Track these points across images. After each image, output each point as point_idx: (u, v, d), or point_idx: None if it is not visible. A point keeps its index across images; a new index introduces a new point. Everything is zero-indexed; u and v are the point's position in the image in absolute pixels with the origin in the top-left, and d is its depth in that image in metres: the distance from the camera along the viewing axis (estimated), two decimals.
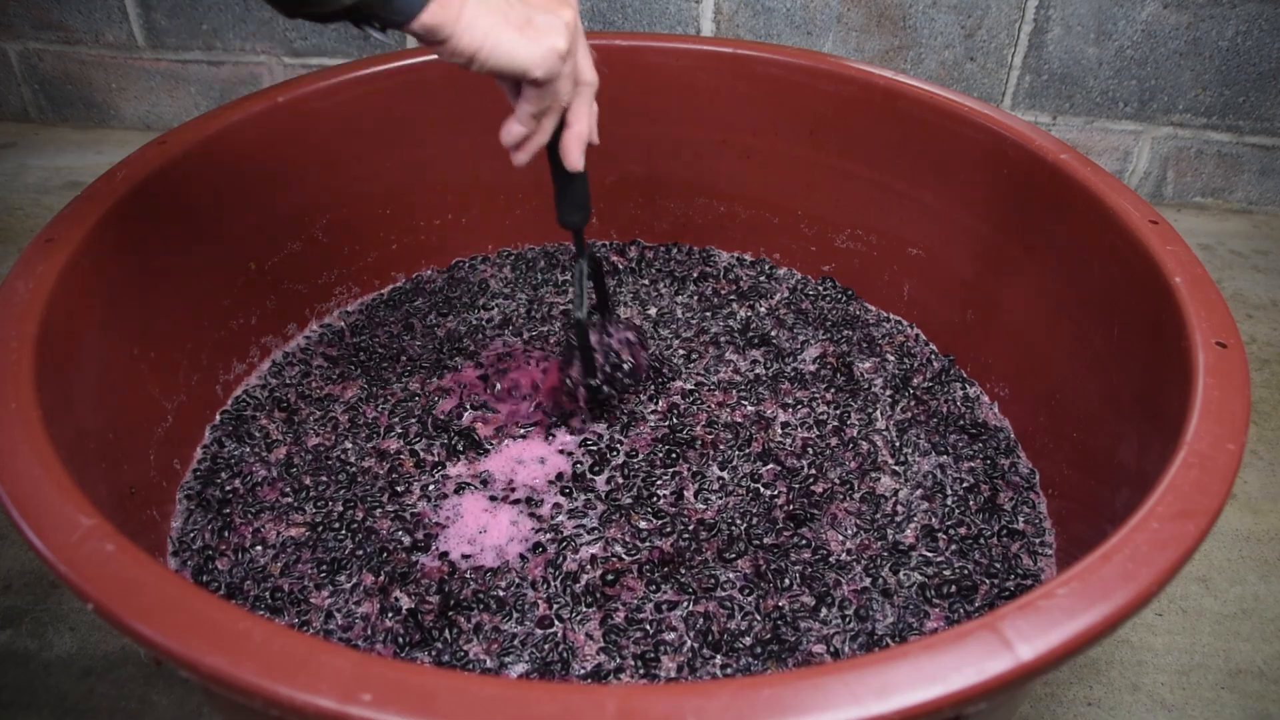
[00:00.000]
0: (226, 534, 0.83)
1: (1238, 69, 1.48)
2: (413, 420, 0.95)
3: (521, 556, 0.81)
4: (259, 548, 0.82)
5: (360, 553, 0.82)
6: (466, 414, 0.95)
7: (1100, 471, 0.81)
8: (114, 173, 0.85)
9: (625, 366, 0.89)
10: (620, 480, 0.89)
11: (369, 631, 0.75)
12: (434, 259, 1.19)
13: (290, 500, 0.87)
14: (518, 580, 0.79)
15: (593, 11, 1.53)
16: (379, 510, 0.85)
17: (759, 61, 1.10)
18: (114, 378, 0.80)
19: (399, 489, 0.87)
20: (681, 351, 1.05)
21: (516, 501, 0.86)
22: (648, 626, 0.76)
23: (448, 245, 1.20)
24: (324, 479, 0.88)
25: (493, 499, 0.86)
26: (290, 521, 0.84)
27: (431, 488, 0.88)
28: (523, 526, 0.84)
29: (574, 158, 0.76)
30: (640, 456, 0.91)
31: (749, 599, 0.78)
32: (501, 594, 0.78)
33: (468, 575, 0.79)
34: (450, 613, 0.76)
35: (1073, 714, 0.87)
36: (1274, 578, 1.00)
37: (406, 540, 0.83)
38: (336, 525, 0.84)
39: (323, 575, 0.80)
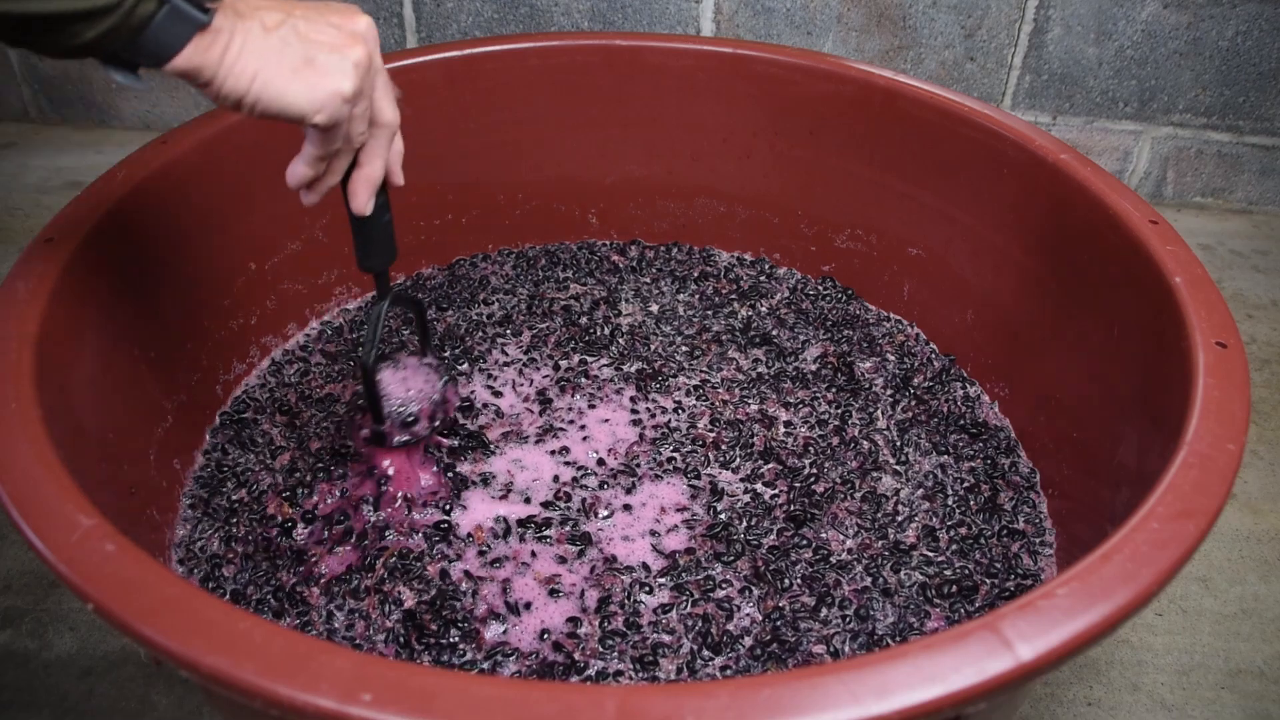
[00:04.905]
0: (233, 544, 0.83)
1: (1238, 69, 1.48)
2: None
3: (516, 557, 0.81)
4: (261, 554, 0.82)
5: (358, 549, 0.82)
6: (480, 418, 0.95)
7: (1100, 471, 0.81)
8: (114, 173, 0.85)
9: (413, 411, 0.82)
10: (624, 480, 0.89)
11: (369, 631, 0.75)
12: (434, 258, 1.19)
13: (291, 501, 0.86)
14: (515, 580, 0.79)
15: (593, 11, 1.53)
16: (381, 510, 0.85)
17: (759, 61, 1.10)
18: (114, 378, 0.80)
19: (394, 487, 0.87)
20: (685, 348, 1.05)
21: (515, 501, 0.86)
22: (645, 629, 0.76)
23: (448, 245, 1.20)
24: (323, 478, 0.88)
25: (491, 498, 0.86)
26: (293, 524, 0.84)
27: (435, 490, 0.88)
28: (516, 525, 0.84)
29: (360, 200, 0.70)
30: (643, 460, 0.91)
31: (748, 600, 0.78)
32: (499, 595, 0.78)
33: (467, 574, 0.79)
34: (447, 612, 0.76)
35: (1073, 714, 0.87)
36: (1274, 578, 1.00)
37: (406, 537, 0.82)
38: (338, 522, 0.84)
39: (322, 575, 0.80)
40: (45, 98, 1.72)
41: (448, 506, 0.85)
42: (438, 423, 0.84)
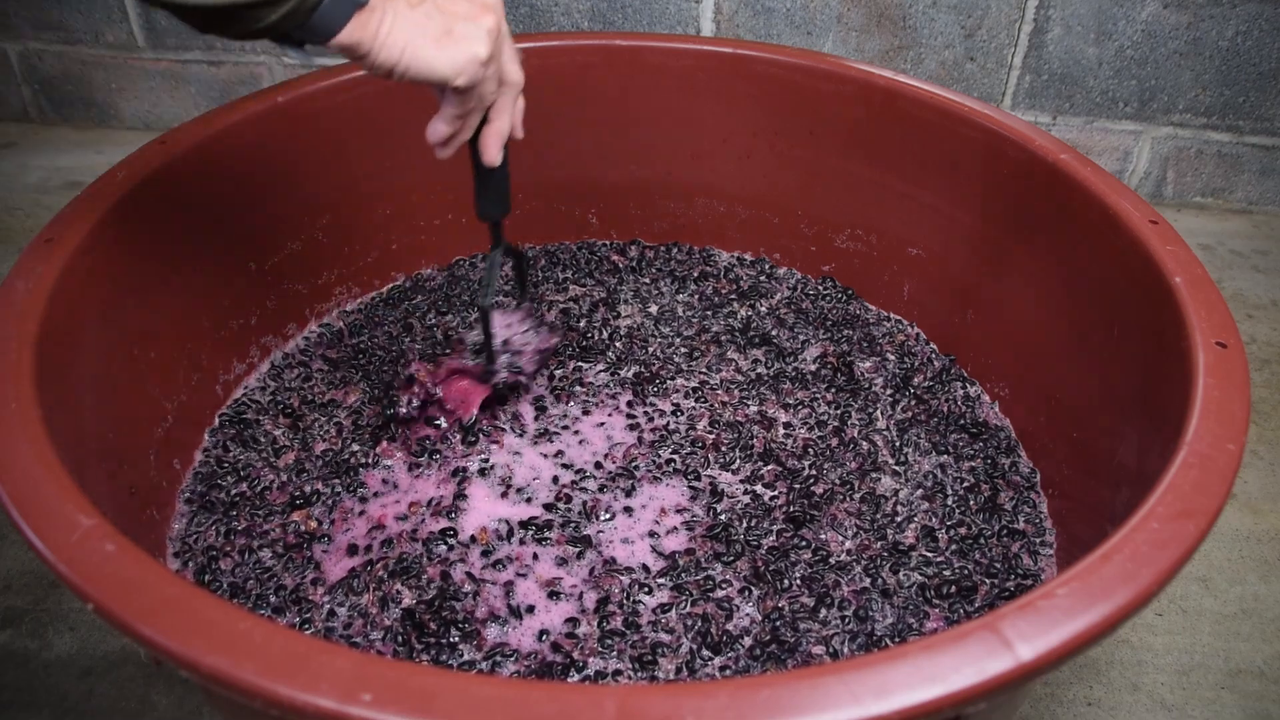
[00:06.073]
0: (232, 536, 0.83)
1: (1238, 69, 1.48)
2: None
3: (519, 559, 0.81)
4: (265, 550, 0.82)
5: (361, 547, 0.82)
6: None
7: (1100, 471, 0.81)
8: (114, 173, 0.85)
9: (523, 357, 0.93)
10: (623, 483, 0.89)
11: (368, 629, 0.75)
12: (434, 258, 1.19)
13: (299, 499, 0.86)
14: (515, 578, 0.79)
15: (593, 11, 1.53)
16: (387, 504, 0.85)
17: (759, 61, 1.10)
18: (114, 378, 0.80)
19: (399, 486, 0.87)
20: (684, 350, 1.05)
21: (513, 499, 0.86)
22: (644, 629, 0.76)
23: (448, 245, 1.20)
24: (335, 483, 0.88)
25: (490, 494, 0.86)
26: (294, 519, 0.84)
27: (439, 486, 0.88)
28: (516, 524, 0.84)
29: (492, 153, 0.78)
30: (641, 463, 0.91)
31: (748, 600, 0.78)
32: (499, 594, 0.78)
33: (467, 573, 0.79)
34: (446, 613, 0.76)
35: (1073, 714, 0.87)
36: (1274, 578, 1.00)
37: (408, 535, 0.82)
38: (343, 520, 0.84)
39: (322, 574, 0.80)
40: (45, 98, 1.72)
41: (452, 513, 0.85)
42: (537, 366, 0.93)
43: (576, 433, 0.94)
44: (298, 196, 1.04)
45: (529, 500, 0.86)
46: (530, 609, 0.77)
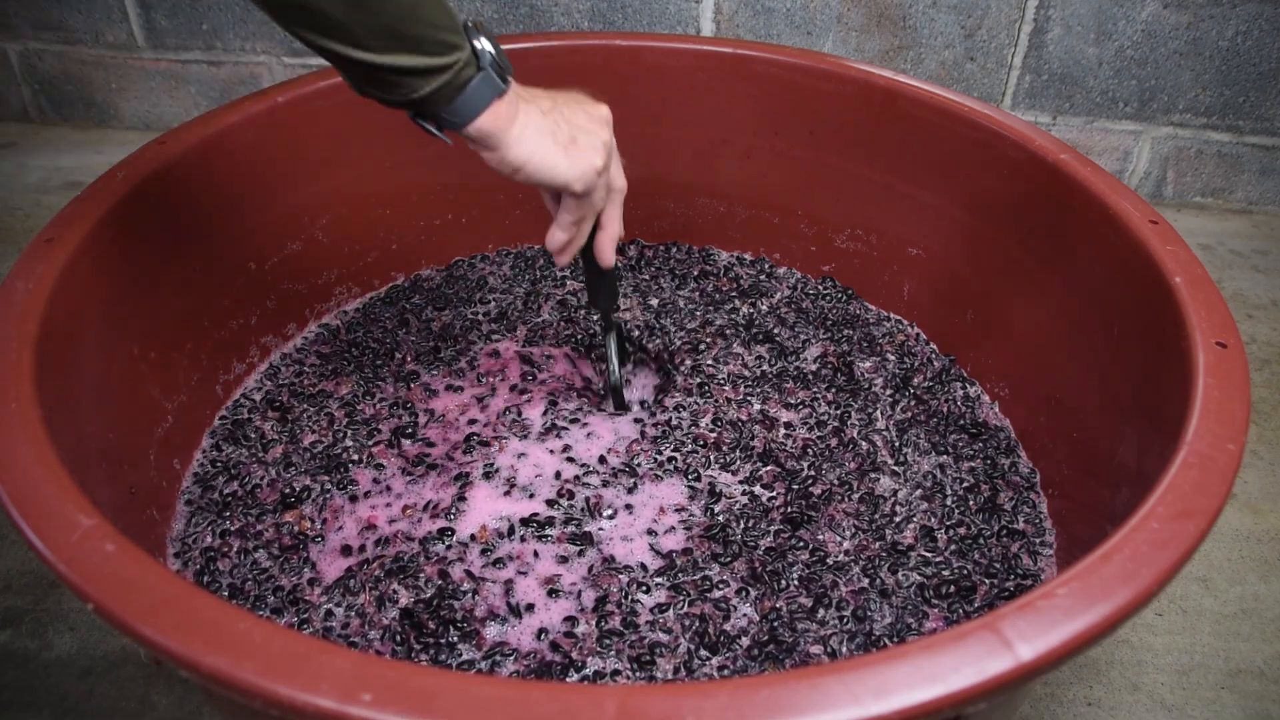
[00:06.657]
0: (228, 536, 0.83)
1: (1238, 69, 1.48)
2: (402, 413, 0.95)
3: (515, 557, 0.81)
4: (261, 552, 0.82)
5: (355, 547, 0.82)
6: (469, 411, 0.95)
7: (1100, 471, 0.81)
8: (114, 173, 0.85)
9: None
10: (625, 479, 0.89)
11: (365, 628, 0.75)
12: (434, 258, 1.19)
13: (290, 498, 0.86)
14: (515, 576, 0.79)
15: (593, 11, 1.53)
16: (378, 505, 0.85)
17: (759, 61, 1.10)
18: (114, 378, 0.80)
19: (392, 488, 0.87)
20: (688, 344, 1.05)
21: (519, 498, 0.86)
22: (642, 629, 0.76)
23: (448, 245, 1.20)
24: (324, 477, 0.88)
25: (491, 493, 0.86)
26: (288, 519, 0.84)
27: (438, 490, 0.88)
28: (517, 521, 0.84)
29: (607, 256, 0.83)
30: (643, 459, 0.91)
31: (745, 601, 0.78)
32: (498, 594, 0.78)
33: (465, 571, 0.79)
34: (445, 612, 0.76)
35: (1073, 714, 0.87)
36: (1274, 578, 1.00)
37: (405, 533, 0.82)
38: (335, 518, 0.84)
39: (318, 574, 0.80)
40: (45, 98, 1.72)
41: (451, 513, 0.85)
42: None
43: (585, 425, 0.94)
44: (298, 196, 1.04)
45: (531, 496, 0.86)
46: (530, 607, 0.77)
